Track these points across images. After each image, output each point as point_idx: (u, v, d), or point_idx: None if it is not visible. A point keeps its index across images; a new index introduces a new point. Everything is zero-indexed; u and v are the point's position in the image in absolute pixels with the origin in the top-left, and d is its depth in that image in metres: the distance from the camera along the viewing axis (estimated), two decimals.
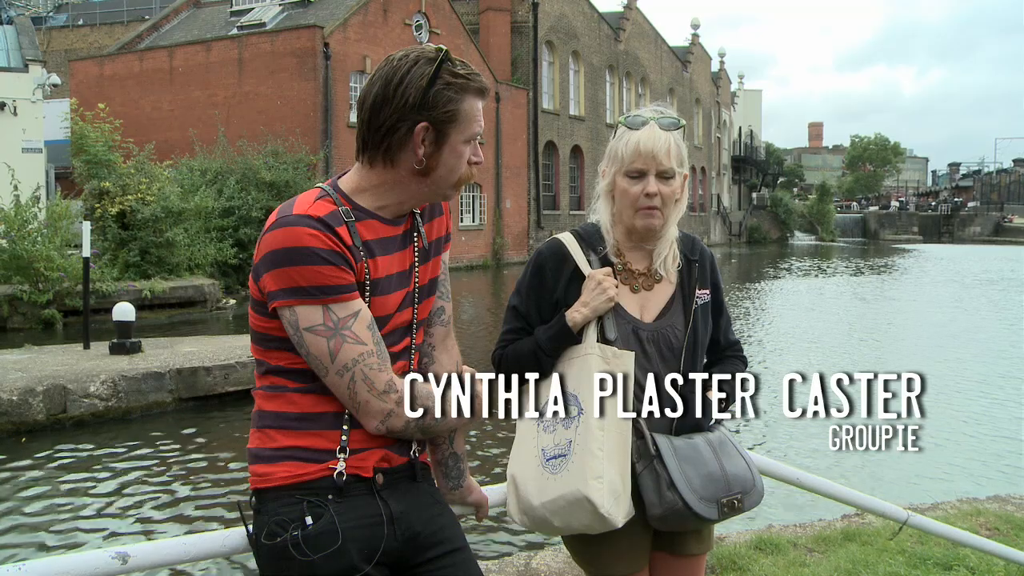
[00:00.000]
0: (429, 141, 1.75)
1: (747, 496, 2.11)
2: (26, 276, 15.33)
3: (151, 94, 29.36)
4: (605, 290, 2.08)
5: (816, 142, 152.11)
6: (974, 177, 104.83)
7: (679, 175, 2.15)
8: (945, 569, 3.89)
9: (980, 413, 9.59)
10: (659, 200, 2.11)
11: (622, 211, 2.16)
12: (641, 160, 2.11)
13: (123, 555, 1.77)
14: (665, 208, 2.13)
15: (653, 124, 2.13)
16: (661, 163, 2.10)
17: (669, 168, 2.11)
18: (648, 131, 2.12)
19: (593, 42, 43.79)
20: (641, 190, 2.11)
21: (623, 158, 2.14)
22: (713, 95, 63.53)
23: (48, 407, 8.24)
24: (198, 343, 11.13)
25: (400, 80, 1.72)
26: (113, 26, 42.21)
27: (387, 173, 1.78)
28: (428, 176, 1.78)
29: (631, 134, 2.13)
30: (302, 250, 1.66)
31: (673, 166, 2.12)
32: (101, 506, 6.37)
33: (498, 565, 4.19)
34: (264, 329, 1.77)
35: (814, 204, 75.63)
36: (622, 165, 2.14)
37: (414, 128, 1.73)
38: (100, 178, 18.73)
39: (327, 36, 26.92)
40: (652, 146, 2.10)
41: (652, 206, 2.11)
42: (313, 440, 1.74)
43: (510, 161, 36.19)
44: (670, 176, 2.12)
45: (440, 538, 1.84)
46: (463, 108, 1.76)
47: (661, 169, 2.11)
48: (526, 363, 2.11)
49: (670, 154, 2.11)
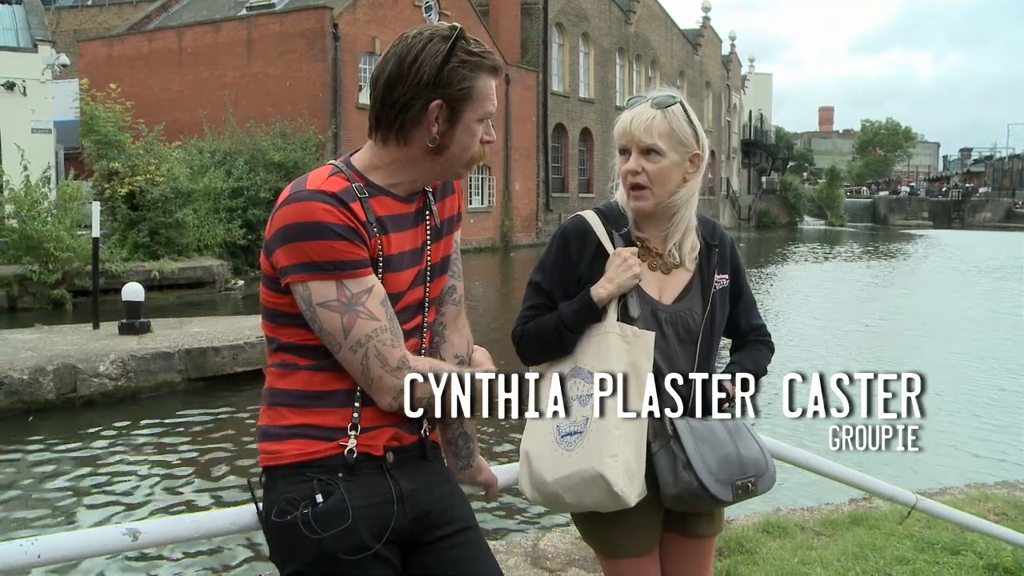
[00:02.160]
0: (443, 119, 1.74)
1: (761, 479, 2.12)
2: (36, 256, 15.39)
3: (160, 75, 29.33)
4: (631, 267, 2.07)
5: (827, 126, 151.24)
6: (986, 163, 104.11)
7: (675, 154, 2.10)
8: (953, 554, 3.89)
9: (991, 398, 9.57)
10: (644, 178, 2.09)
11: (624, 192, 2.19)
12: (623, 137, 2.12)
13: (134, 531, 1.78)
14: (654, 187, 2.10)
15: (645, 103, 2.12)
16: (640, 140, 2.09)
17: (651, 144, 2.08)
18: (631, 110, 2.12)
19: (603, 24, 43.53)
20: (625, 168, 2.12)
21: (615, 138, 2.17)
22: (723, 78, 63.15)
23: (58, 386, 8.29)
24: (207, 323, 11.18)
25: (415, 57, 1.71)
26: (122, 6, 42.14)
27: (400, 151, 1.77)
28: (441, 154, 1.77)
29: (621, 114, 2.16)
30: (315, 225, 1.66)
31: (656, 142, 2.08)
32: (111, 484, 6.42)
33: (506, 545, 4.20)
34: (275, 305, 1.76)
35: (824, 189, 75.23)
36: (616, 146, 2.18)
37: (428, 105, 1.72)
38: (110, 159, 18.73)
39: (336, 17, 26.83)
40: (628, 123, 2.11)
41: (635, 184, 2.11)
42: (324, 418, 1.73)
43: (519, 143, 36.08)
44: (657, 152, 2.09)
45: (450, 517, 1.84)
46: (477, 86, 1.75)
47: (642, 146, 2.09)
48: (548, 338, 2.11)
49: (652, 131, 2.08)
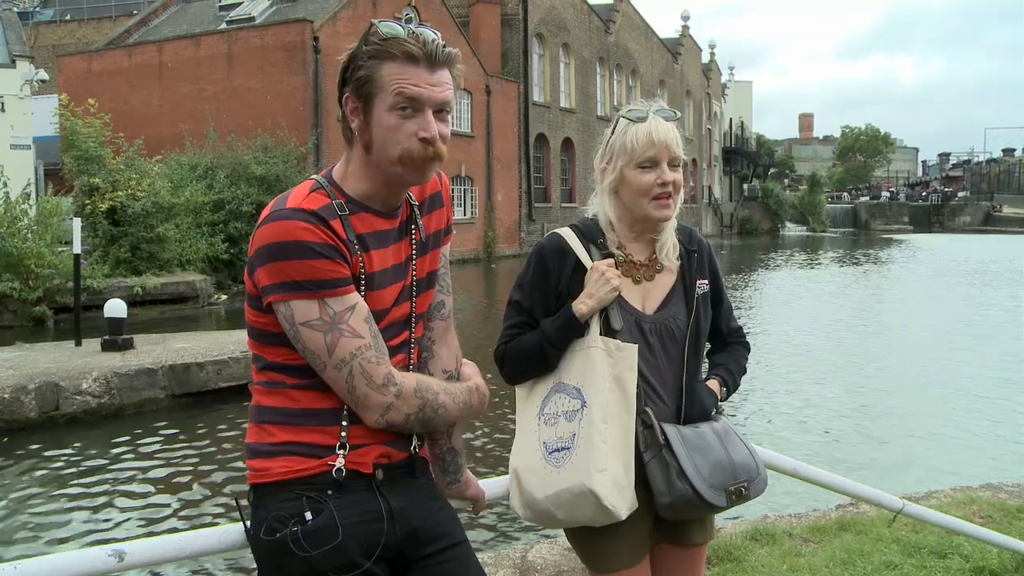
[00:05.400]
0: (358, 113, 1.73)
1: (753, 484, 2.14)
2: (16, 273, 15.23)
3: (140, 89, 29.20)
4: (608, 280, 2.10)
5: (807, 133, 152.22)
6: (964, 167, 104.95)
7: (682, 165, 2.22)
8: (940, 557, 3.91)
9: (976, 400, 9.64)
10: (671, 187, 2.15)
11: (633, 203, 2.16)
12: (654, 149, 2.13)
13: (120, 552, 1.76)
14: (676, 196, 2.17)
15: (658, 115, 2.16)
16: (672, 151, 2.14)
17: (679, 156, 2.16)
18: (656, 122, 2.14)
19: (583, 34, 43.72)
20: (655, 179, 2.13)
21: (634, 149, 2.13)
22: (704, 87, 63.54)
23: (40, 405, 8.21)
24: (190, 339, 11.10)
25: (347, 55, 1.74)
26: (101, 21, 42.01)
27: (352, 154, 1.78)
28: (370, 152, 1.74)
29: (638, 126, 2.14)
30: (296, 244, 1.65)
31: (681, 155, 2.18)
32: (95, 504, 6.35)
33: (494, 558, 4.19)
34: (260, 324, 1.75)
35: (805, 195, 75.74)
36: (632, 157, 2.14)
37: (343, 100, 1.74)
38: (90, 174, 18.62)
39: (317, 30, 26.82)
40: (665, 135, 2.13)
41: (667, 193, 2.14)
42: (312, 436, 1.72)
43: (501, 154, 36.14)
44: (678, 165, 2.18)
45: (439, 533, 1.84)
46: (380, 74, 1.68)
47: (672, 156, 2.15)
48: (531, 356, 2.13)
49: (679, 143, 2.17)
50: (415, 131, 1.69)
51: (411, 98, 1.68)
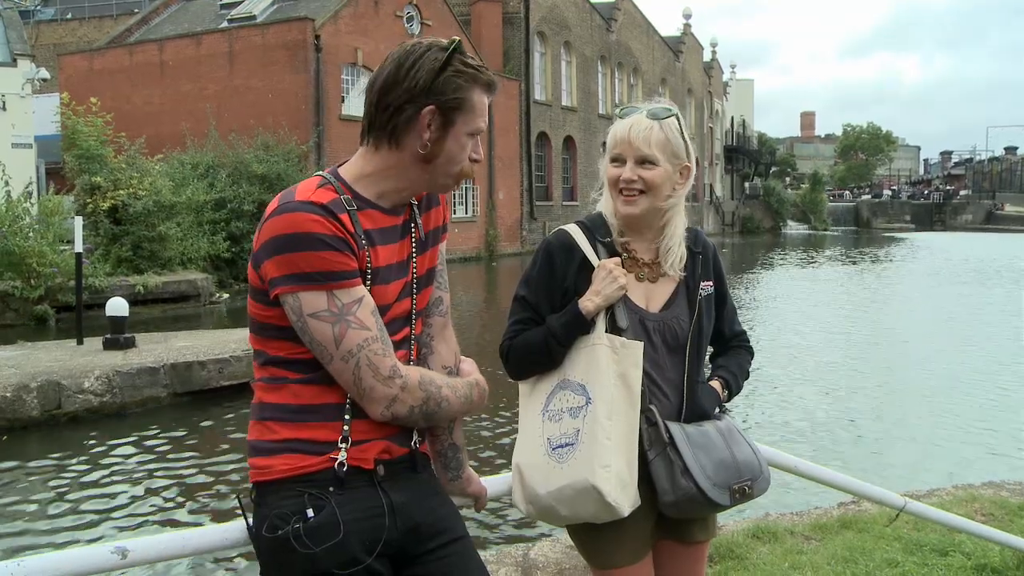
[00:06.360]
0: (435, 126, 1.75)
1: (756, 482, 2.15)
2: (18, 272, 15.23)
3: (142, 88, 29.23)
4: (616, 279, 2.10)
5: (808, 131, 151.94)
6: (966, 165, 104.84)
7: (668, 164, 2.14)
8: (941, 555, 3.91)
9: (976, 399, 9.63)
10: (641, 184, 2.13)
11: (612, 198, 2.20)
12: (618, 146, 2.15)
13: (123, 549, 1.76)
14: (649, 194, 2.14)
15: (641, 113, 2.15)
16: (638, 149, 2.12)
17: (648, 154, 2.12)
18: (629, 119, 2.15)
19: (585, 32, 43.70)
20: (619, 175, 2.15)
21: (608, 145, 2.19)
22: (705, 85, 63.49)
23: (43, 403, 8.22)
24: (192, 337, 11.11)
25: (412, 63, 1.73)
26: (102, 20, 42.01)
27: (391, 156, 1.78)
28: (430, 163, 1.78)
29: (615, 123, 2.18)
30: (305, 236, 1.66)
31: (654, 152, 2.12)
32: (98, 502, 6.36)
33: (496, 555, 4.19)
34: (264, 318, 1.76)
35: (806, 193, 75.62)
36: (608, 153, 2.19)
37: (421, 110, 1.73)
38: (91, 173, 18.62)
39: (318, 28, 26.82)
40: (627, 132, 2.14)
41: (629, 190, 2.14)
42: (314, 432, 1.73)
43: (502, 152, 36.13)
44: (651, 162, 2.13)
45: (441, 528, 1.84)
46: (471, 98, 1.77)
47: (639, 155, 2.13)
48: (537, 352, 2.14)
49: (650, 141, 2.12)
50: (470, 153, 1.81)
51: (480, 127, 1.81)
